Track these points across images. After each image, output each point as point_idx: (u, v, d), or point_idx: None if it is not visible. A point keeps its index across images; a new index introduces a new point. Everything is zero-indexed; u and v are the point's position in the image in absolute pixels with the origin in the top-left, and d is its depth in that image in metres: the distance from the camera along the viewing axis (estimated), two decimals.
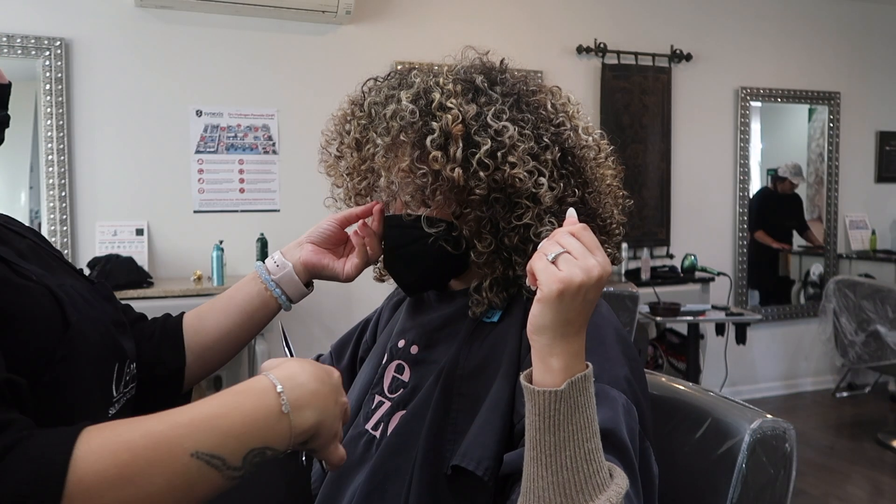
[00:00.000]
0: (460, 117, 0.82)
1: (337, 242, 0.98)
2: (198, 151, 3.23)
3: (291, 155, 3.36)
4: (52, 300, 0.67)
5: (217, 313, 0.95)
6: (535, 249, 0.69)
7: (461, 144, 0.82)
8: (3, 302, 0.61)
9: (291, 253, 0.97)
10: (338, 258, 0.97)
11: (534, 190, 0.83)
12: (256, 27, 3.28)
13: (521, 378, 0.67)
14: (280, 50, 3.33)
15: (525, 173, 0.82)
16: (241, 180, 3.31)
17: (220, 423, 0.55)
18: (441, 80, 0.87)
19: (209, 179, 3.25)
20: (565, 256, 0.64)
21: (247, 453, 0.55)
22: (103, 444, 0.48)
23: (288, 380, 0.61)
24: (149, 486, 0.50)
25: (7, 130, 0.74)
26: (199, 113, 3.23)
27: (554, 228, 0.79)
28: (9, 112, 0.69)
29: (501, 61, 0.93)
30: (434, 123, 0.82)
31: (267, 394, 0.59)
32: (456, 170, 0.82)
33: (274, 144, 3.35)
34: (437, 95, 0.84)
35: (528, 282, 0.67)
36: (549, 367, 0.65)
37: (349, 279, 0.97)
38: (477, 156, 0.82)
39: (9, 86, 0.68)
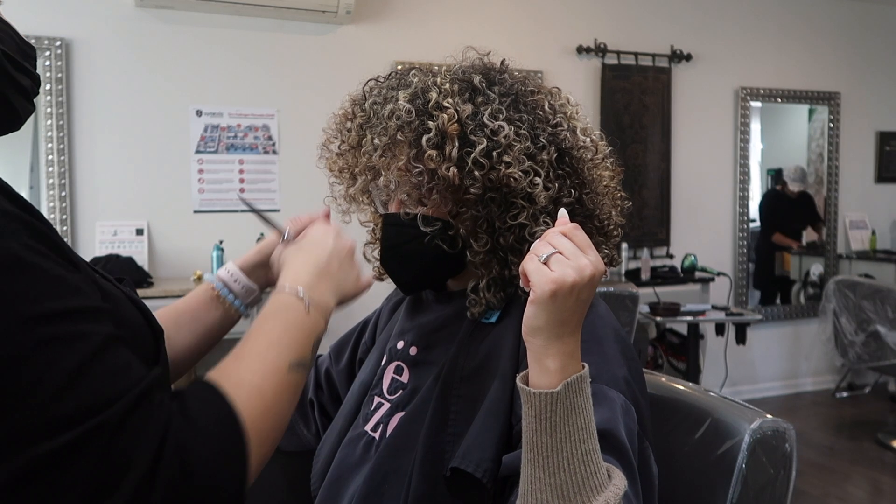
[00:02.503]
0: (456, 116, 0.82)
1: None
2: (198, 151, 3.23)
3: (291, 155, 3.36)
4: (134, 308, 0.66)
5: (185, 335, 0.89)
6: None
7: (457, 143, 0.82)
8: (120, 317, 0.59)
9: (256, 275, 0.94)
10: None
11: (529, 190, 0.83)
12: (256, 27, 3.28)
13: (518, 380, 0.67)
14: (280, 50, 3.33)
15: (520, 173, 0.82)
16: (241, 180, 3.31)
17: (287, 337, 0.67)
18: (438, 79, 0.87)
19: (209, 179, 3.25)
20: (557, 257, 0.64)
21: (312, 347, 0.70)
22: (240, 395, 0.59)
23: (298, 282, 0.73)
24: (280, 403, 0.63)
25: None
26: (199, 113, 3.23)
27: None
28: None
29: (502, 62, 0.93)
30: (430, 123, 0.83)
31: (297, 305, 0.71)
32: (451, 169, 0.82)
33: (274, 144, 3.35)
34: (433, 95, 0.84)
35: (521, 283, 0.67)
36: (544, 369, 0.65)
37: None
38: (472, 155, 0.82)
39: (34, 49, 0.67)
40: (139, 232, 3.13)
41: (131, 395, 0.51)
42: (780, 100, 4.37)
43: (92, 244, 3.07)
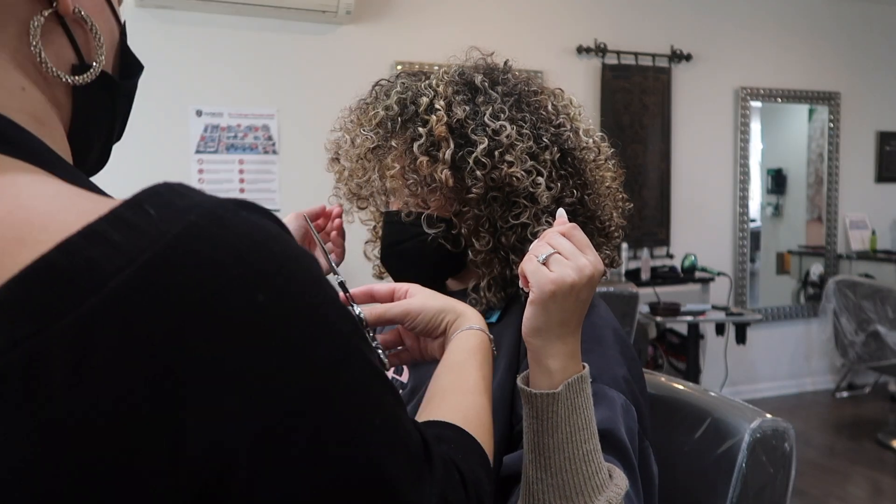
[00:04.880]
0: (445, 119, 0.83)
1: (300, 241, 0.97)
2: (198, 151, 3.23)
3: (291, 155, 3.36)
4: None
5: None
6: None
7: (452, 145, 0.83)
8: None
9: None
10: None
11: (531, 189, 0.83)
12: (256, 27, 3.28)
13: (518, 381, 0.67)
14: (280, 50, 3.33)
15: (522, 172, 0.82)
16: (241, 180, 3.31)
17: (489, 370, 0.66)
18: (434, 81, 0.87)
19: (209, 179, 3.25)
20: (556, 257, 0.64)
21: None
22: (481, 433, 0.57)
23: (480, 323, 0.70)
24: (489, 436, 0.60)
25: None
26: (199, 113, 3.23)
27: None
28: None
29: (505, 62, 0.94)
30: (421, 129, 0.83)
31: (488, 344, 0.69)
32: (445, 171, 0.82)
33: (274, 144, 3.35)
34: (424, 99, 0.85)
35: (520, 284, 0.67)
36: (545, 369, 0.65)
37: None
38: (474, 154, 0.82)
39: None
40: None
41: (419, 430, 0.48)
42: (780, 100, 4.37)
43: None
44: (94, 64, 0.49)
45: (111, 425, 0.33)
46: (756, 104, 4.34)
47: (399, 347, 0.76)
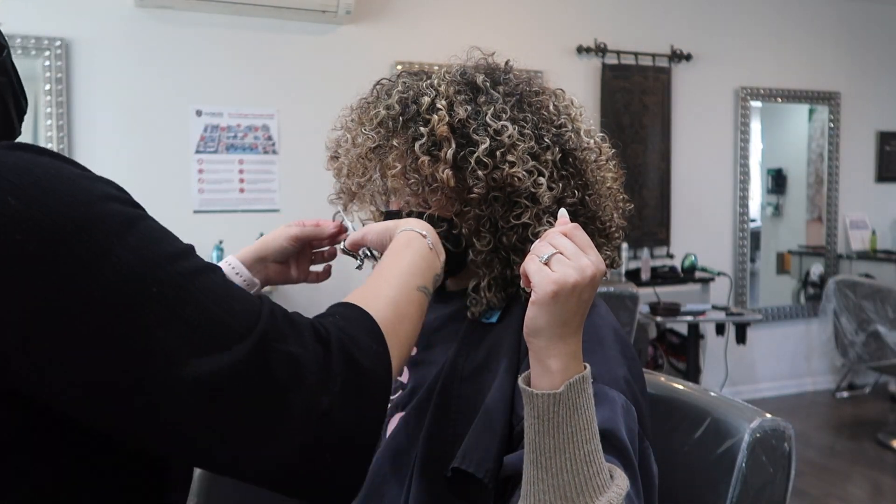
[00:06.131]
0: (447, 118, 0.83)
1: (290, 255, 0.96)
2: (198, 151, 3.23)
3: (291, 155, 3.36)
4: None
5: None
6: None
7: (453, 145, 0.83)
8: None
9: (256, 269, 0.92)
10: (290, 269, 0.96)
11: (532, 189, 0.83)
12: (256, 27, 3.28)
13: (520, 381, 0.67)
14: (280, 50, 3.33)
15: (524, 172, 0.82)
16: (241, 180, 3.31)
17: (415, 266, 0.73)
18: (435, 81, 0.87)
19: (209, 179, 3.25)
20: (558, 257, 0.64)
21: (433, 281, 0.76)
22: (378, 306, 0.65)
23: (420, 228, 0.78)
24: (411, 313, 0.69)
25: None
26: (199, 113, 3.23)
27: None
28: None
29: (507, 62, 0.94)
30: (423, 129, 0.83)
31: (421, 241, 0.77)
32: (446, 171, 0.82)
33: (274, 144, 3.35)
34: (426, 99, 0.84)
35: (521, 284, 0.67)
36: (546, 369, 0.65)
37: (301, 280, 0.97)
38: (475, 154, 0.82)
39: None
40: None
41: (265, 307, 0.56)
42: (780, 100, 4.37)
43: None
44: None
45: None
46: (756, 104, 4.34)
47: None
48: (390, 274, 0.72)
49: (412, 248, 0.75)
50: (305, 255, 0.96)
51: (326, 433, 0.54)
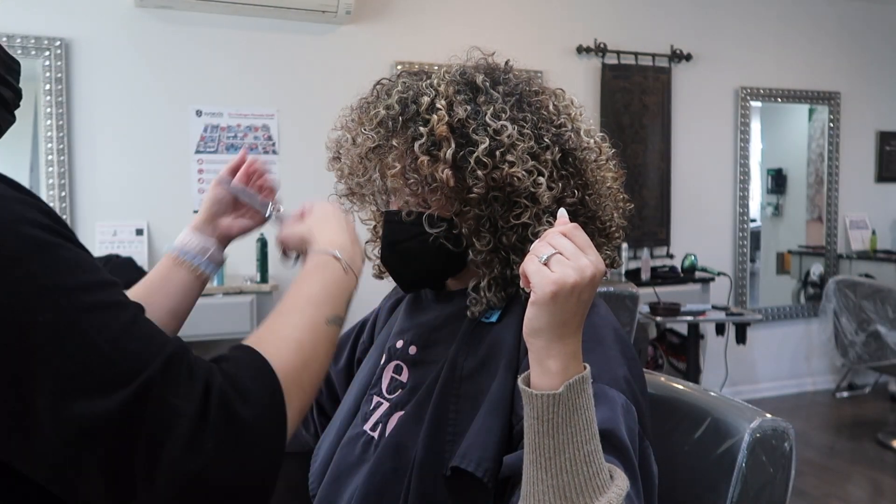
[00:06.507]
0: (446, 118, 0.83)
1: (232, 202, 0.99)
2: (198, 151, 3.23)
3: (291, 155, 3.36)
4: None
5: (160, 301, 0.92)
6: None
7: (453, 145, 0.82)
8: None
9: (209, 231, 0.97)
10: (238, 214, 0.99)
11: (532, 189, 0.83)
12: (256, 27, 3.28)
13: (519, 381, 0.67)
14: (280, 50, 3.33)
15: (524, 172, 0.82)
16: None
17: (327, 294, 0.72)
18: (435, 80, 0.87)
19: (209, 179, 3.25)
20: (557, 257, 0.64)
21: (346, 303, 0.75)
22: (281, 351, 0.63)
23: (335, 246, 0.78)
24: (318, 355, 0.68)
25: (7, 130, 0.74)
26: (199, 113, 3.23)
27: None
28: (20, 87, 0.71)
29: (507, 62, 0.94)
30: (422, 129, 0.83)
31: (334, 265, 0.76)
32: (446, 171, 0.82)
33: (274, 144, 3.35)
34: (426, 99, 0.84)
35: (521, 284, 0.67)
36: (546, 370, 0.65)
37: (263, 222, 1.00)
38: (475, 154, 0.82)
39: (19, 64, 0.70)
40: (139, 232, 3.13)
41: (166, 352, 0.54)
42: (780, 100, 4.37)
43: (92, 244, 3.06)
44: None
45: None
46: (756, 104, 4.34)
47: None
48: (296, 307, 0.70)
49: (324, 273, 0.75)
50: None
51: (198, 494, 0.52)
